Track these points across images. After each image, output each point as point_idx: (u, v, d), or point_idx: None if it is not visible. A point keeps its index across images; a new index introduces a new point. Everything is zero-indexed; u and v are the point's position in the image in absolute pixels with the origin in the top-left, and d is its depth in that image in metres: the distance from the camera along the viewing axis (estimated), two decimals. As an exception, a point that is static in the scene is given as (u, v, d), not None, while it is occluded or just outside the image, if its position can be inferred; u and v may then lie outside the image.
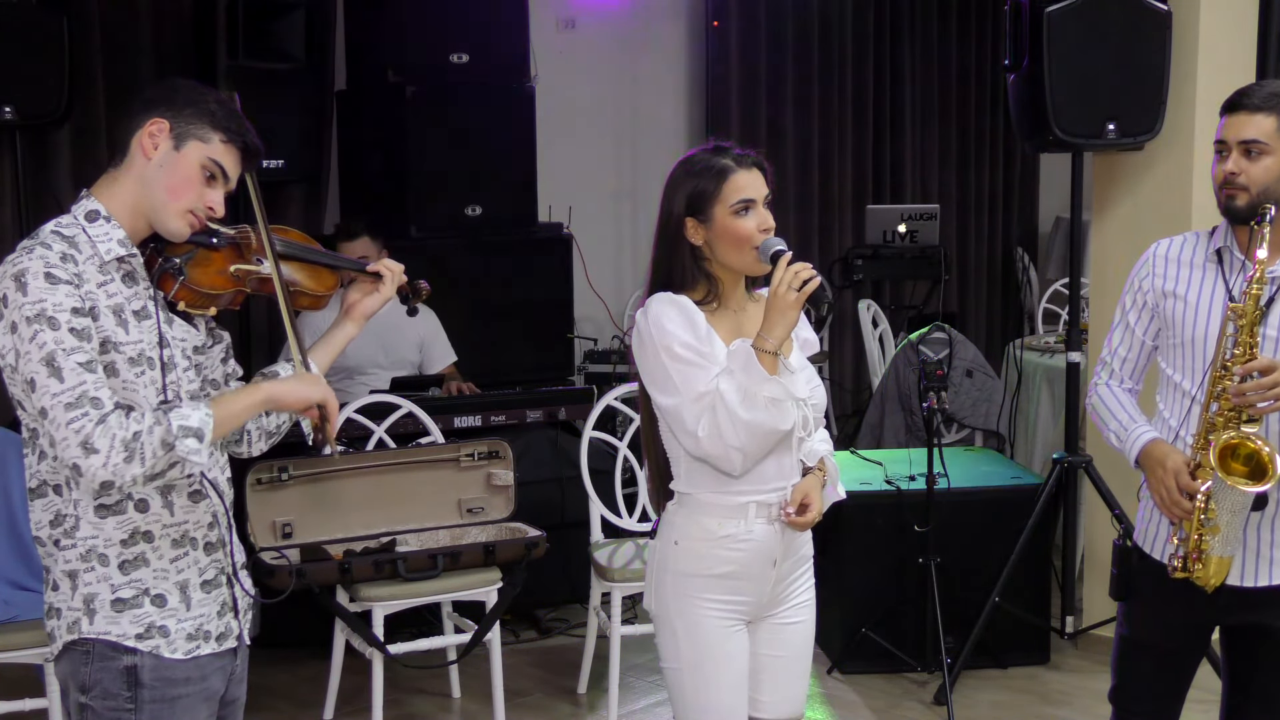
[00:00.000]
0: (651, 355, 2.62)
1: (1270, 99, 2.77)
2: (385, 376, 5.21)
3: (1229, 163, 2.77)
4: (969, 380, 6.40)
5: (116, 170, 2.35)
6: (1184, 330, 2.86)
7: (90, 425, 2.16)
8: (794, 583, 2.77)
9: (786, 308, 2.52)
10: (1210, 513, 2.72)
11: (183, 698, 2.34)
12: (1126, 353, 3.01)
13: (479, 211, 5.95)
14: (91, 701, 2.30)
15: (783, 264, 2.54)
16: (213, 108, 2.34)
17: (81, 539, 2.29)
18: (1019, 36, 4.62)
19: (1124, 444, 2.94)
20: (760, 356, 2.54)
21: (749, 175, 2.64)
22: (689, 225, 2.65)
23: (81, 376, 2.18)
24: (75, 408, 2.16)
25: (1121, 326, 3.01)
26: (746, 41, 7.65)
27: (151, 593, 2.32)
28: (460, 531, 4.44)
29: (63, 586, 2.31)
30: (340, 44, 6.19)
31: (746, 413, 2.53)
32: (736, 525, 2.66)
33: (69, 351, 2.18)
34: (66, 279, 2.20)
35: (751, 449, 2.57)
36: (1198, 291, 2.85)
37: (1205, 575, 2.76)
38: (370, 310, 2.57)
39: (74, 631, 2.30)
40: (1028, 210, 9.18)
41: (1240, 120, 2.77)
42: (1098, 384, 3.05)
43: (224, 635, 2.41)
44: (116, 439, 2.16)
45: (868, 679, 4.68)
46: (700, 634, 2.67)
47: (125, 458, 2.17)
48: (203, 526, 2.39)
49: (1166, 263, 2.92)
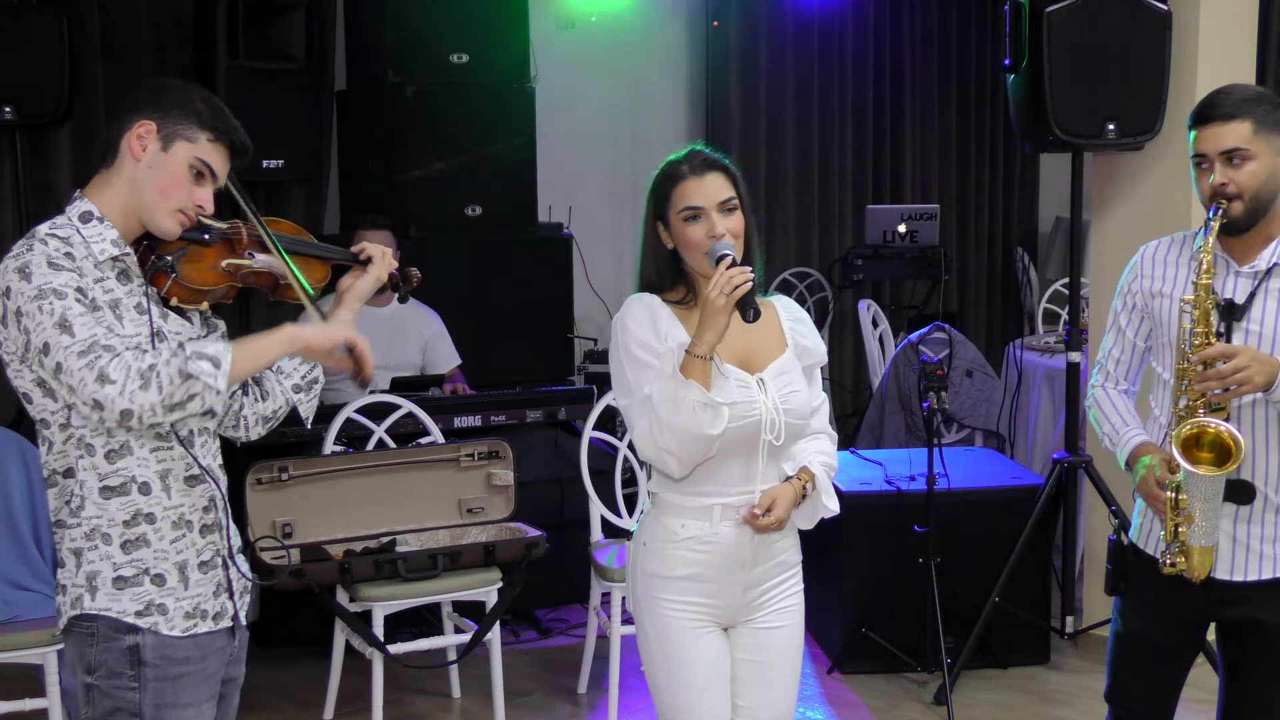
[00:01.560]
0: (614, 356, 2.66)
1: (1241, 105, 2.76)
2: (386, 377, 5.20)
3: (1215, 175, 2.76)
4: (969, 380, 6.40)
5: (108, 171, 2.39)
6: (1171, 329, 2.87)
7: (104, 361, 2.22)
8: (773, 589, 2.75)
9: (715, 312, 2.52)
10: (1182, 502, 2.75)
11: (184, 676, 2.40)
12: (1120, 355, 3.03)
13: (479, 211, 5.95)
14: (97, 681, 2.36)
15: (719, 269, 2.54)
16: (199, 107, 2.38)
17: (86, 518, 2.36)
18: (1019, 36, 4.62)
19: (1116, 447, 2.97)
20: (687, 361, 2.54)
21: (700, 182, 2.63)
22: (660, 229, 2.69)
23: (92, 330, 2.24)
24: (88, 353, 2.22)
25: (1114, 330, 3.03)
26: (746, 41, 7.65)
27: (151, 572, 2.38)
28: (460, 531, 4.44)
29: (69, 564, 2.39)
30: (340, 44, 6.19)
31: (671, 417, 2.52)
32: (701, 527, 2.65)
33: (78, 314, 2.24)
34: (69, 268, 2.27)
35: (682, 453, 2.56)
36: (1182, 290, 2.86)
37: (1190, 566, 2.79)
38: (362, 292, 2.54)
39: (77, 607, 2.37)
40: (1028, 210, 9.17)
41: (1215, 131, 2.76)
42: (1094, 386, 3.08)
43: (220, 615, 2.48)
44: (132, 369, 2.22)
45: (868, 679, 4.68)
46: (669, 635, 2.67)
47: (141, 385, 2.22)
48: (199, 510, 2.45)
49: (1154, 264, 2.94)
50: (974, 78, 8.65)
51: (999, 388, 6.37)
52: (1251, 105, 2.76)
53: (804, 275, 7.89)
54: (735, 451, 2.63)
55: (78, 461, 2.34)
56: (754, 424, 2.62)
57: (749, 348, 2.67)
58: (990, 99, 8.73)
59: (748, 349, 2.67)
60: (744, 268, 2.54)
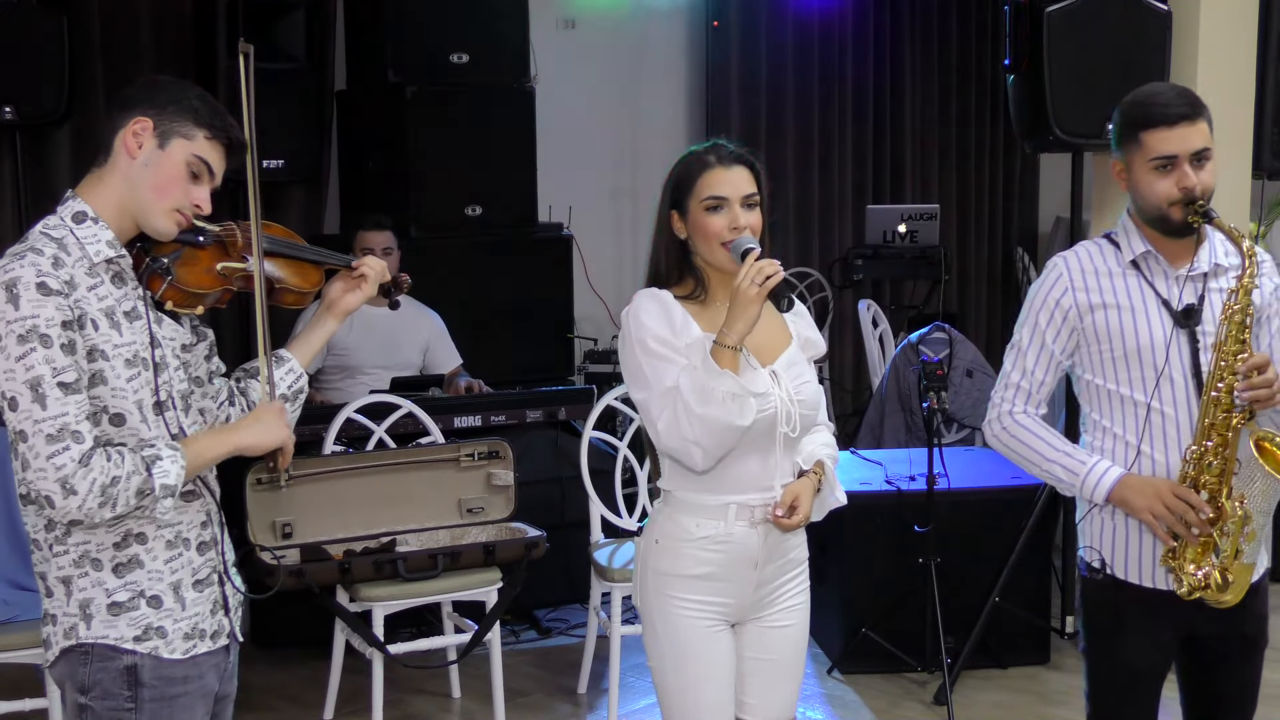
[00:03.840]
0: (628, 349, 2.64)
1: (1197, 103, 2.69)
2: (386, 377, 5.20)
3: (1187, 177, 2.65)
4: (969, 380, 6.39)
5: (101, 170, 2.34)
6: (1125, 341, 2.72)
7: (71, 465, 2.15)
8: (782, 586, 2.75)
9: (747, 303, 2.51)
10: (1247, 517, 2.59)
11: (181, 696, 2.33)
12: (1044, 375, 2.81)
13: (479, 211, 5.95)
14: (91, 702, 2.28)
15: (749, 260, 2.54)
16: (195, 104, 2.32)
17: (74, 544, 2.27)
18: (1019, 36, 4.63)
19: (1078, 481, 2.73)
20: (717, 351, 2.53)
21: (727, 173, 2.64)
22: (674, 218, 2.68)
23: (64, 406, 2.16)
24: (56, 440, 2.15)
25: (1036, 347, 2.80)
26: (746, 41, 7.64)
27: (147, 594, 2.31)
28: (460, 531, 4.44)
29: (57, 593, 2.30)
30: (340, 44, 6.19)
31: (701, 407, 2.51)
32: (716, 526, 2.65)
33: (57, 372, 2.16)
34: (58, 289, 2.18)
35: (709, 444, 2.55)
36: (1128, 299, 2.73)
37: (1225, 596, 2.64)
38: (350, 307, 2.54)
39: (71, 637, 2.29)
40: (1028, 210, 9.17)
41: (1185, 132, 2.66)
42: (1013, 411, 2.83)
43: (217, 633, 2.42)
44: (96, 484, 2.16)
45: (868, 679, 4.68)
46: (680, 633, 2.67)
47: (100, 503, 2.17)
48: (195, 526, 2.38)
49: (1084, 275, 2.76)
50: (974, 78, 8.64)
51: (999, 388, 6.36)
52: (1201, 103, 2.70)
53: (804, 275, 7.88)
54: (753, 446, 2.62)
55: None
56: (770, 417, 2.62)
57: (758, 340, 2.66)
58: (990, 99, 8.72)
59: (757, 341, 2.65)
60: (773, 260, 2.54)
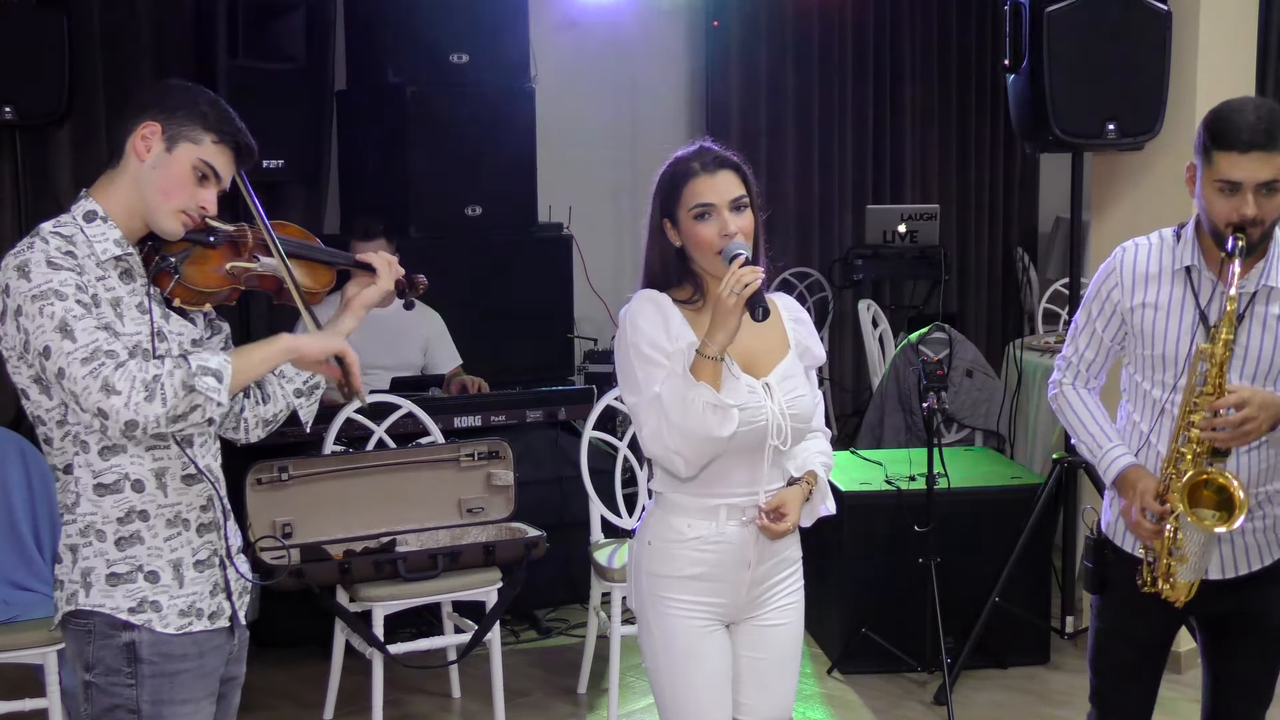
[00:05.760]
0: (622, 352, 2.64)
1: (1275, 132, 2.65)
2: (387, 377, 5.20)
3: (1248, 206, 2.65)
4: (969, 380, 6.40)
5: (113, 171, 2.42)
6: (1155, 345, 2.84)
7: (109, 370, 2.24)
8: (775, 586, 2.75)
9: (726, 313, 2.51)
10: (1179, 543, 2.73)
11: (181, 673, 2.42)
12: (1094, 356, 2.99)
13: (479, 211, 5.95)
14: (95, 679, 2.39)
15: (732, 269, 2.52)
16: (204, 109, 2.40)
17: (81, 514, 2.38)
18: (1019, 36, 4.62)
19: (1097, 460, 2.93)
20: (698, 362, 2.53)
21: (712, 179, 2.62)
22: (667, 226, 2.67)
23: (94, 335, 2.25)
24: (91, 360, 2.24)
25: (1088, 332, 2.98)
26: (746, 41, 7.65)
27: (145, 569, 2.40)
28: (460, 531, 4.44)
29: (65, 559, 2.41)
30: (340, 44, 6.19)
31: (680, 417, 2.51)
32: (707, 527, 2.65)
33: (79, 317, 2.25)
34: (69, 267, 2.29)
35: (690, 454, 2.55)
36: (1168, 303, 2.83)
37: (1174, 595, 2.79)
38: (369, 302, 2.56)
39: (72, 603, 2.40)
40: (1028, 210, 9.18)
41: (1257, 161, 2.64)
42: (1063, 383, 3.03)
43: (216, 614, 2.49)
44: (136, 380, 2.24)
45: (868, 679, 4.68)
46: (674, 634, 2.67)
47: (146, 397, 2.24)
48: (195, 509, 2.46)
49: (1134, 276, 2.87)
50: (974, 78, 8.66)
51: (999, 388, 6.36)
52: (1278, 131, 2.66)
53: (804, 275, 7.89)
54: (741, 455, 2.62)
55: (75, 458, 2.37)
56: (760, 429, 2.61)
57: (753, 351, 2.65)
58: (990, 99, 8.74)
59: (752, 352, 2.65)
60: (754, 267, 2.53)
